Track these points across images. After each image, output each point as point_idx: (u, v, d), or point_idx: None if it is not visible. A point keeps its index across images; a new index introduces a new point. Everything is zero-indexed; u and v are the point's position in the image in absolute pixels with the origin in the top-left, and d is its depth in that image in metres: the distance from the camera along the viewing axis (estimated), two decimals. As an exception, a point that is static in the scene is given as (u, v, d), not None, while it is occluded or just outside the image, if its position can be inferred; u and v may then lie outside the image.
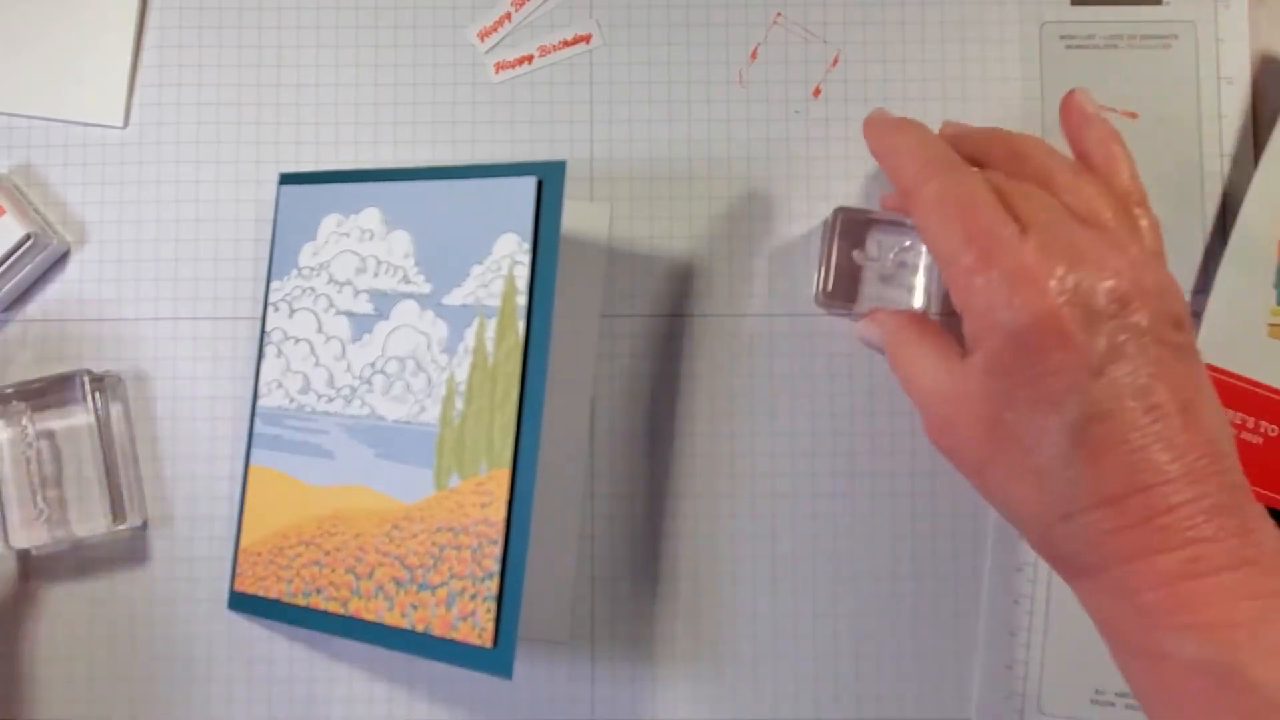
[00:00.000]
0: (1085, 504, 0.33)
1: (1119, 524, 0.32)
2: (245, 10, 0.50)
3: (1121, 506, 0.32)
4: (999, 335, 0.33)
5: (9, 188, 0.48)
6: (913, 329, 0.39)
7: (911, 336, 0.39)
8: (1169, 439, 0.32)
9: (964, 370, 0.35)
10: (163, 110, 0.50)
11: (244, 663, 0.48)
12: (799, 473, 0.49)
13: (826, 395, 0.49)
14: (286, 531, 0.46)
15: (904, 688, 0.48)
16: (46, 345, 0.49)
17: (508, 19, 0.50)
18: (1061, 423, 0.33)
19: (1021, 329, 0.33)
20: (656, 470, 0.49)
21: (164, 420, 0.49)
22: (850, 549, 0.48)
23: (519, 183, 0.43)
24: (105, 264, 0.50)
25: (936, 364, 0.37)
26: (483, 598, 0.40)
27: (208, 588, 0.49)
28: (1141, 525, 0.32)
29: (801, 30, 0.50)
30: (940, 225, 0.36)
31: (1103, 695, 0.47)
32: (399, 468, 0.43)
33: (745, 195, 0.50)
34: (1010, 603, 0.48)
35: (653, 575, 0.48)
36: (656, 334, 0.49)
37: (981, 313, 0.34)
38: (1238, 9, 0.50)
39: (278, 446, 0.47)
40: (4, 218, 0.47)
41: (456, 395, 0.42)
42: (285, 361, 0.47)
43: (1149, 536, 0.32)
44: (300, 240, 0.48)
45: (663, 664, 0.48)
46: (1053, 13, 0.50)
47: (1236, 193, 0.48)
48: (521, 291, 0.42)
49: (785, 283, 0.49)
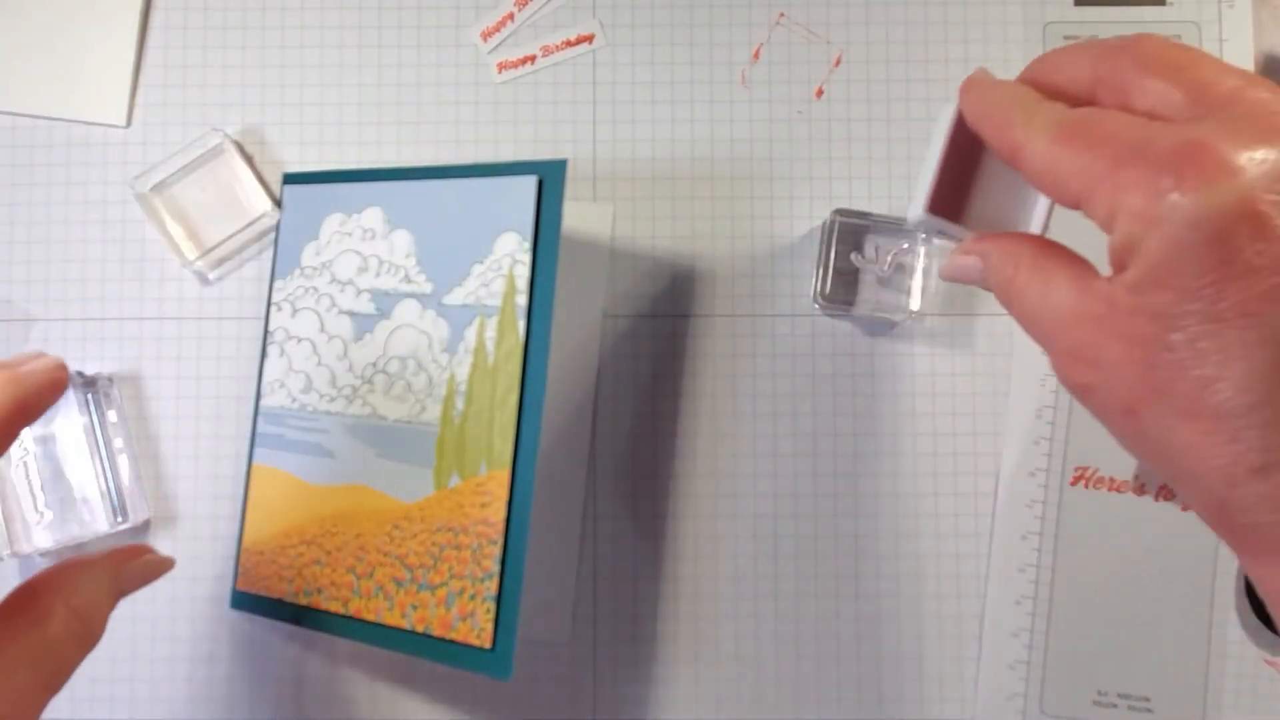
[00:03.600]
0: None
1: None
2: (248, 10, 0.51)
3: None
4: (1167, 231, 0.25)
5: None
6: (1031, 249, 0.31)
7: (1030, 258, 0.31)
8: None
9: (1112, 288, 0.27)
10: (166, 110, 0.50)
11: (245, 662, 0.48)
12: (800, 473, 0.48)
13: (827, 395, 0.49)
14: (288, 531, 0.46)
15: (905, 688, 0.48)
16: (48, 345, 0.49)
17: (510, 19, 0.50)
18: (1255, 343, 0.25)
19: (1201, 217, 0.25)
20: (657, 470, 0.49)
21: (166, 420, 0.49)
22: (851, 549, 0.48)
23: (520, 182, 0.43)
24: (107, 263, 0.50)
25: (1071, 284, 0.29)
26: (482, 598, 0.40)
27: (210, 587, 0.49)
28: None
29: (804, 30, 0.50)
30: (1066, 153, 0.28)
31: (1105, 696, 0.47)
32: (400, 468, 0.43)
33: (748, 196, 0.50)
34: (1012, 603, 0.48)
35: (653, 575, 0.48)
36: (658, 334, 0.49)
37: (1139, 209, 0.26)
38: (1241, 10, 0.49)
39: (280, 446, 0.47)
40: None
41: (457, 395, 0.42)
42: (288, 361, 0.47)
43: None
44: (303, 240, 0.48)
45: (663, 664, 0.48)
46: (1056, 13, 0.50)
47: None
48: (522, 291, 0.42)
49: (787, 283, 0.49)
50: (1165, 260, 0.26)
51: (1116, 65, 0.29)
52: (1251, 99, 0.26)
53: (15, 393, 0.32)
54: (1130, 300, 0.27)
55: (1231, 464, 0.26)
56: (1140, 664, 0.47)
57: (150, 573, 0.37)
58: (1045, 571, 0.48)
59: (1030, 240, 0.32)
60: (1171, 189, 0.25)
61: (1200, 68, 0.28)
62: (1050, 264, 0.30)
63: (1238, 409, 0.25)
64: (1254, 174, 0.24)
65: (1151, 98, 0.28)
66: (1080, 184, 0.28)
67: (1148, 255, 0.26)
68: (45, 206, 0.50)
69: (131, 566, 0.36)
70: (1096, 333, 0.28)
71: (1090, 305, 0.28)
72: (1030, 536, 0.48)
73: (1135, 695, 0.47)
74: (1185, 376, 0.26)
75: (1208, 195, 0.25)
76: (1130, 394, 0.27)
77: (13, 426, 0.32)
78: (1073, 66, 0.31)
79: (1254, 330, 0.25)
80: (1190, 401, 0.26)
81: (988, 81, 0.33)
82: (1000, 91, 0.32)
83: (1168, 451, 0.27)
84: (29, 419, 0.33)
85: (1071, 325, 0.29)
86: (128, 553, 0.36)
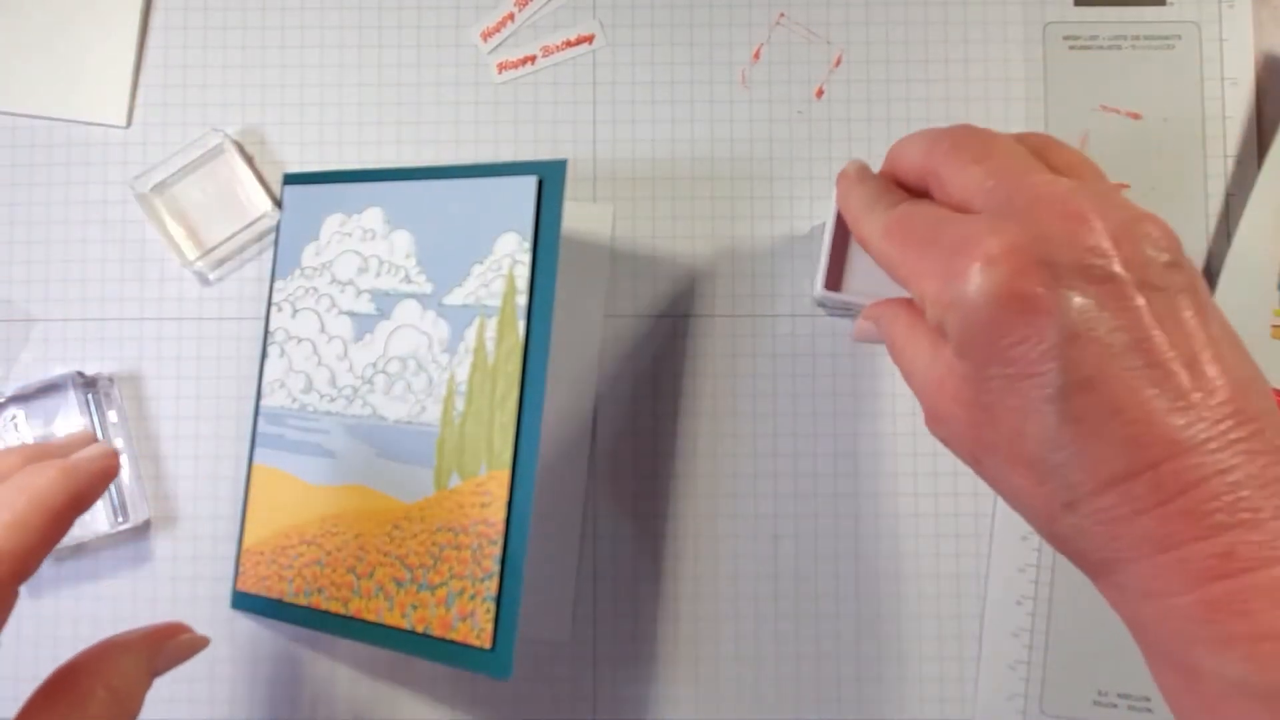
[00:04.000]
0: (1087, 489, 0.28)
1: (1129, 509, 0.27)
2: (248, 10, 0.51)
3: (1128, 488, 0.27)
4: (958, 313, 0.29)
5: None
6: (903, 317, 0.35)
7: (903, 325, 0.35)
8: (1176, 401, 0.27)
9: (947, 355, 0.31)
10: (166, 110, 0.50)
11: (245, 662, 0.48)
12: (800, 473, 0.48)
13: (827, 395, 0.49)
14: (288, 531, 0.46)
15: (906, 689, 0.48)
16: (48, 345, 0.49)
17: (511, 19, 0.50)
18: (1043, 399, 0.28)
19: (978, 300, 0.28)
20: (657, 470, 0.49)
21: (166, 420, 0.49)
22: (851, 549, 0.48)
23: (519, 182, 0.43)
24: (107, 263, 0.50)
25: (928, 350, 0.33)
26: (482, 598, 0.40)
27: (210, 587, 0.49)
28: (1157, 510, 0.27)
29: (804, 31, 0.50)
30: (889, 246, 0.33)
31: (1105, 696, 0.47)
32: (400, 468, 0.43)
33: (748, 196, 0.50)
34: (1012, 603, 0.48)
35: (653, 575, 0.48)
36: (658, 334, 0.49)
37: (935, 296, 0.30)
38: (1241, 10, 0.49)
39: (280, 446, 0.47)
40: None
41: (457, 395, 0.43)
42: (288, 361, 0.47)
43: (1168, 524, 0.27)
44: (303, 240, 0.48)
45: (663, 664, 0.48)
46: (1056, 13, 0.50)
47: (1240, 193, 0.48)
48: (522, 291, 0.42)
49: (787, 283, 0.49)
50: (962, 336, 0.29)
51: (934, 157, 0.33)
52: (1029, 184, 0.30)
53: (69, 486, 0.32)
54: (956, 366, 0.31)
55: (1047, 501, 0.29)
56: (1140, 664, 0.46)
57: (186, 652, 0.38)
58: (1045, 571, 0.48)
59: (905, 306, 0.36)
60: (954, 278, 0.29)
61: (994, 156, 0.32)
62: (917, 328, 0.34)
63: (1041, 455, 0.29)
64: (1017, 260, 0.28)
65: (960, 187, 0.32)
66: (900, 273, 0.33)
67: (952, 332, 0.30)
68: (45, 206, 0.50)
69: (169, 647, 0.37)
70: (942, 393, 0.32)
71: (937, 369, 0.32)
72: (1030, 537, 0.48)
73: (1135, 695, 0.47)
74: (1000, 430, 0.30)
75: (981, 281, 0.28)
76: (971, 446, 0.31)
77: (66, 519, 0.33)
78: (907, 157, 0.35)
79: (1039, 389, 0.28)
80: (1009, 451, 0.30)
81: (853, 176, 0.38)
82: (856, 188, 0.37)
83: (1006, 492, 0.31)
84: (81, 510, 0.33)
85: (927, 386, 0.33)
86: (165, 632, 0.37)
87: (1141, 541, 0.27)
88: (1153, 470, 0.27)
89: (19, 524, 0.31)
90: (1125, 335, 0.27)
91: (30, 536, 0.31)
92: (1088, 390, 0.27)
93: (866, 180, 0.37)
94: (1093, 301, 0.27)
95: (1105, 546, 0.28)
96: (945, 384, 0.31)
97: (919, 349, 0.33)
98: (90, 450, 0.36)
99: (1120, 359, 0.27)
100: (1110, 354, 0.27)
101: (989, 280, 0.28)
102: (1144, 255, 0.28)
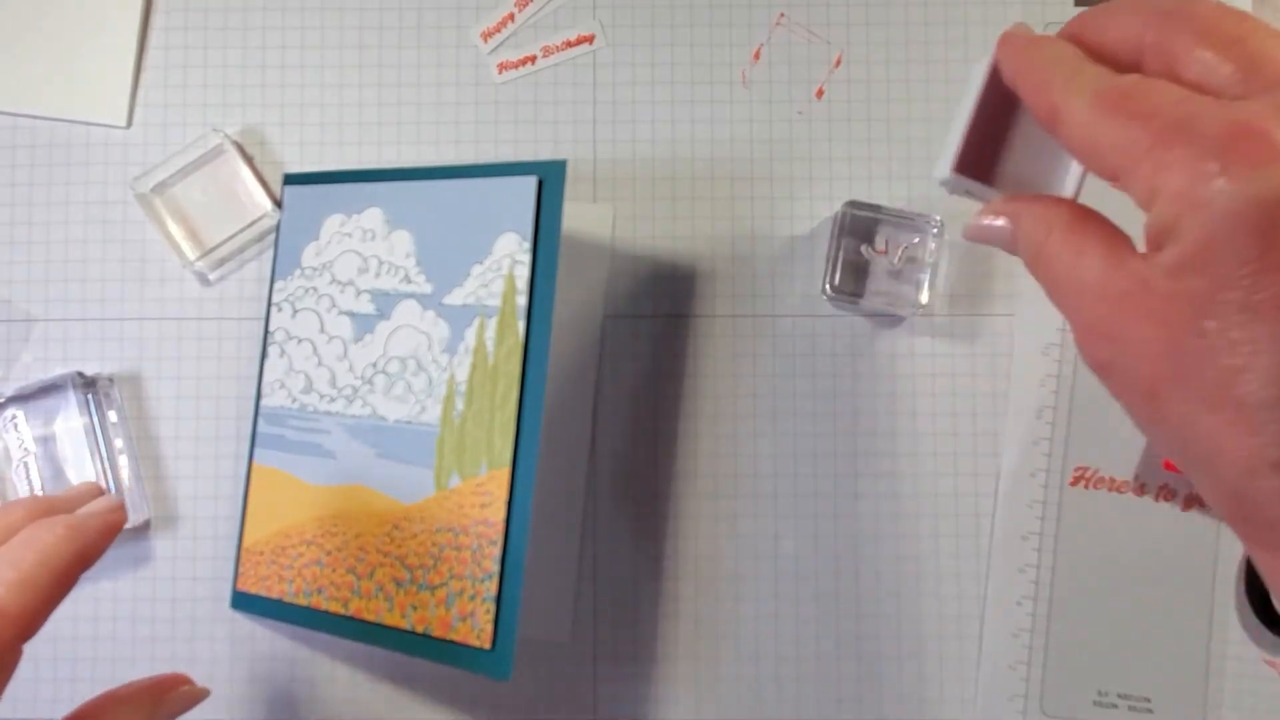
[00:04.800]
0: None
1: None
2: (249, 10, 0.51)
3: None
4: (1209, 215, 0.24)
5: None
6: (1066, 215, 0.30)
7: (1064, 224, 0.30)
8: None
9: (1146, 267, 0.26)
10: (166, 110, 0.50)
11: (245, 663, 0.48)
12: (800, 473, 0.48)
13: (827, 395, 0.49)
14: (288, 531, 0.46)
15: (905, 688, 0.48)
16: (48, 345, 0.49)
17: (511, 19, 0.50)
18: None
19: (1246, 205, 0.24)
20: (658, 470, 0.49)
21: (167, 420, 0.49)
22: (852, 549, 0.48)
23: (519, 182, 0.43)
24: (107, 263, 0.50)
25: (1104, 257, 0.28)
26: (482, 598, 0.40)
27: (210, 587, 0.49)
28: None
29: (805, 31, 0.50)
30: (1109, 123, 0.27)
31: (1105, 696, 0.47)
32: (400, 468, 0.43)
33: (748, 196, 0.50)
34: (1012, 603, 0.48)
35: (654, 575, 0.48)
36: (658, 334, 0.49)
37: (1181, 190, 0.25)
38: (1241, 10, 0.49)
39: (280, 446, 0.47)
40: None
41: (457, 395, 0.43)
42: (288, 361, 0.47)
43: None
44: (303, 240, 0.48)
45: (663, 664, 0.48)
46: (1056, 13, 0.50)
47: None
48: (522, 291, 0.42)
49: (787, 283, 0.49)
50: (1204, 246, 0.25)
51: (1167, 31, 0.28)
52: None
53: (77, 545, 0.33)
54: (1164, 282, 0.26)
55: (1252, 456, 0.25)
56: (1140, 664, 0.47)
57: (186, 704, 0.38)
58: (1045, 571, 0.48)
59: (1065, 205, 0.30)
60: (1216, 172, 0.24)
61: (1255, 40, 0.26)
62: (1084, 233, 0.29)
63: (1263, 402, 0.24)
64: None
65: (1201, 68, 0.27)
66: (1120, 158, 0.27)
67: (1187, 239, 0.25)
68: (45, 206, 0.50)
69: (170, 698, 0.37)
70: (1125, 309, 0.27)
71: (1121, 281, 0.27)
72: (1030, 537, 0.48)
73: (1135, 695, 0.47)
74: (1213, 364, 0.25)
75: (1254, 182, 0.24)
76: (1153, 375, 0.27)
77: (72, 577, 0.33)
78: (1121, 27, 0.29)
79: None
80: (1215, 390, 0.25)
81: (1028, 37, 0.31)
82: (1041, 49, 0.30)
83: (1187, 438, 0.27)
84: (87, 567, 0.34)
85: (1099, 299, 0.28)
86: (166, 683, 0.37)
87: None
88: None
89: (26, 582, 0.31)
90: None
91: (37, 595, 0.31)
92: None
93: (1056, 41, 0.31)
94: None
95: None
96: (1134, 299, 0.27)
97: (1086, 255, 0.28)
98: (96, 505, 0.36)
99: None
100: None
101: (1265, 182, 0.23)
102: None
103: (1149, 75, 0.28)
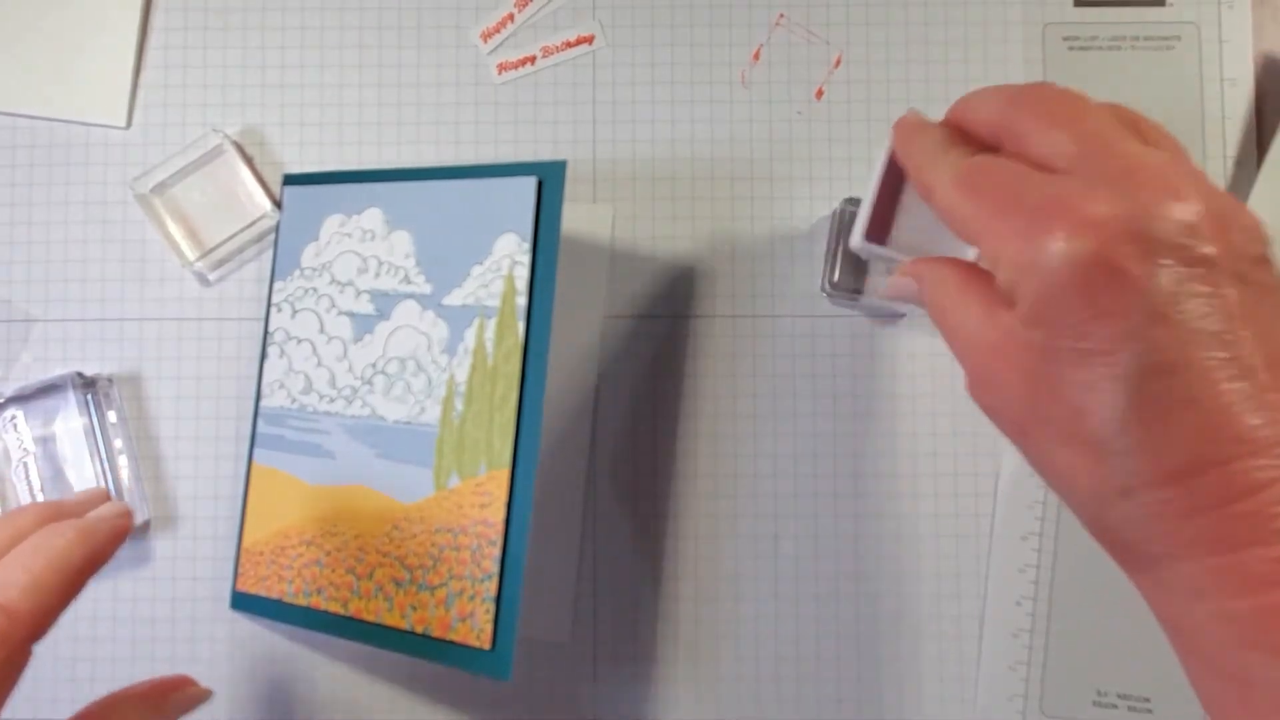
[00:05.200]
0: (1147, 478, 0.26)
1: (1189, 506, 0.26)
2: (249, 10, 0.51)
3: (1192, 485, 0.26)
4: (1039, 277, 0.27)
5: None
6: (954, 276, 0.33)
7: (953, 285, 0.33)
8: (1254, 399, 0.25)
9: (1007, 321, 0.29)
10: (166, 111, 0.50)
11: (245, 663, 0.48)
12: (800, 473, 0.48)
13: (827, 395, 0.49)
14: (288, 531, 0.46)
15: (905, 689, 0.48)
16: (48, 345, 0.49)
17: (511, 20, 0.50)
18: (1115, 378, 0.26)
19: (1064, 266, 0.27)
20: (658, 471, 0.49)
21: (166, 420, 0.49)
22: (852, 550, 0.48)
23: (519, 183, 0.43)
24: (107, 264, 0.50)
25: (981, 312, 0.31)
26: (481, 599, 0.40)
27: (210, 587, 0.49)
28: (1218, 510, 0.25)
29: (804, 31, 0.50)
30: (961, 199, 0.31)
31: (1105, 696, 0.47)
32: (399, 468, 0.43)
33: (748, 197, 0.50)
34: (1012, 603, 0.48)
35: (653, 575, 0.48)
36: (658, 334, 0.49)
37: (1014, 257, 0.28)
38: (1241, 10, 0.49)
39: (280, 446, 0.47)
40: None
41: (456, 396, 0.43)
42: (288, 362, 0.47)
43: (1229, 525, 0.25)
44: (303, 240, 0.48)
45: (663, 664, 0.48)
46: (1055, 14, 0.50)
47: (1239, 194, 0.48)
48: (521, 292, 0.42)
49: (787, 283, 0.49)
50: (1038, 302, 0.28)
51: (1016, 113, 0.31)
52: (1124, 153, 0.28)
53: (87, 548, 0.34)
54: (1020, 333, 0.29)
55: (1101, 484, 0.28)
56: (1140, 664, 0.47)
57: (190, 704, 0.38)
58: (1045, 571, 0.48)
59: (958, 266, 0.34)
60: (1041, 241, 0.27)
61: (1089, 121, 0.30)
62: (969, 291, 0.32)
63: (1103, 436, 0.27)
64: (1111, 229, 0.26)
65: (1044, 147, 0.30)
66: (972, 228, 0.31)
67: (1025, 297, 0.28)
68: (45, 206, 0.50)
69: (173, 699, 0.37)
70: (996, 358, 0.30)
71: (992, 333, 0.30)
72: (1030, 537, 0.48)
73: (1135, 695, 0.47)
74: (1060, 405, 0.28)
75: (1069, 247, 0.27)
76: (1021, 417, 0.30)
77: (81, 580, 0.33)
78: (983, 110, 0.33)
79: (1113, 367, 0.26)
80: (1065, 427, 0.28)
81: (914, 123, 0.36)
82: (921, 134, 0.35)
83: (1054, 472, 0.30)
84: (96, 571, 0.34)
85: (978, 349, 0.31)
86: (169, 685, 0.38)
87: (1197, 540, 0.26)
88: (1221, 468, 0.25)
89: (37, 585, 0.32)
90: (1212, 323, 0.26)
91: (48, 597, 0.32)
92: (1166, 375, 0.26)
93: (931, 128, 0.35)
94: (1184, 284, 0.26)
95: (1156, 540, 0.27)
96: (1001, 350, 0.30)
97: (970, 310, 0.31)
98: (105, 509, 0.37)
99: (1204, 347, 0.26)
100: (1195, 341, 0.26)
101: (1078, 247, 0.26)
102: (1239, 245, 0.27)
103: (1005, 154, 0.32)
